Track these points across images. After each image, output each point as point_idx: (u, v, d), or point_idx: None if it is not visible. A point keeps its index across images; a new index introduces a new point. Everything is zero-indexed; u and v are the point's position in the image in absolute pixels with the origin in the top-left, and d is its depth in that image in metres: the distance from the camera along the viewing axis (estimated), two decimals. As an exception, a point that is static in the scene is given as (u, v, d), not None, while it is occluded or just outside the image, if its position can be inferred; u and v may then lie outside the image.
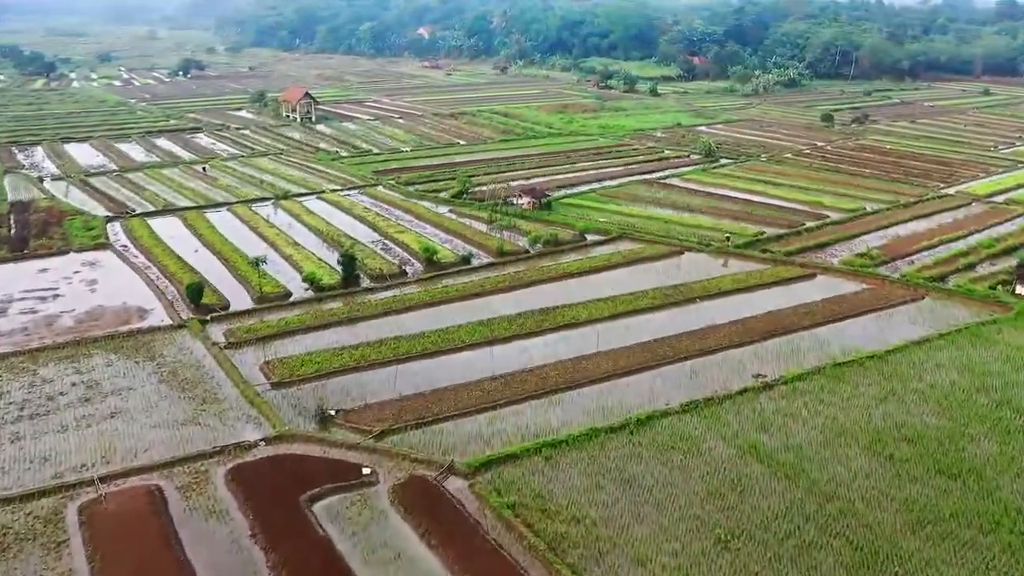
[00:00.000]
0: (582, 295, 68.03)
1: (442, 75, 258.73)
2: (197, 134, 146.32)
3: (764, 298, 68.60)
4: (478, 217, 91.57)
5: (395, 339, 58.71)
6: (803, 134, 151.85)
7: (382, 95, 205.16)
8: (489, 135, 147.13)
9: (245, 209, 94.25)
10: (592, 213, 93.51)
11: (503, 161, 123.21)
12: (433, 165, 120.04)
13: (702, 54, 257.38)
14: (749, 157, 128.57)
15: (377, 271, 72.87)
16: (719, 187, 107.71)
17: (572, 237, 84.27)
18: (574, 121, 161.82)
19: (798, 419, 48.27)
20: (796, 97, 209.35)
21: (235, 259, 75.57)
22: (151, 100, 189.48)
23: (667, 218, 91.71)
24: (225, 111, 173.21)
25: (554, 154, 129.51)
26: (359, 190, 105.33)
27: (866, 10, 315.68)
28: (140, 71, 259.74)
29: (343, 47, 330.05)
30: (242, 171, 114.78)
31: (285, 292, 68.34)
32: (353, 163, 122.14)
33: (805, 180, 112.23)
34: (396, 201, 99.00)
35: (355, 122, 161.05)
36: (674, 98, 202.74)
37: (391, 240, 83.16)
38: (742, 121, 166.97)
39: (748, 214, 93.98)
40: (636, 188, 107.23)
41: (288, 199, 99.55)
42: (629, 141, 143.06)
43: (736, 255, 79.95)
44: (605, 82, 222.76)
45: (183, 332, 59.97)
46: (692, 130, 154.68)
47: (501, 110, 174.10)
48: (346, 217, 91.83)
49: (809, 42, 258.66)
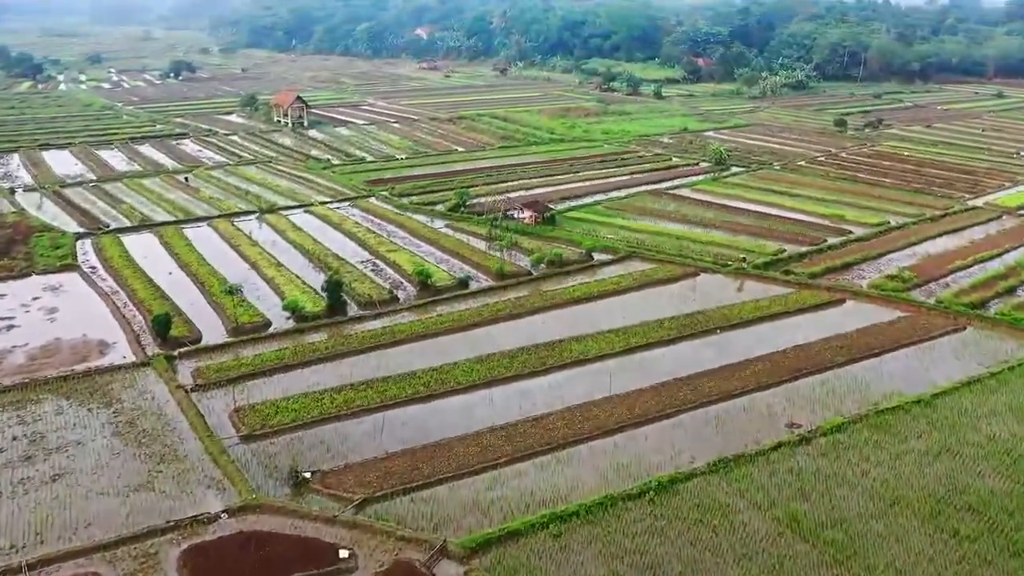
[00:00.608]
0: (590, 325, 61.85)
1: (440, 77, 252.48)
2: (183, 140, 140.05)
3: (790, 328, 62.42)
4: (476, 233, 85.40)
5: (383, 380, 52.50)
6: (816, 140, 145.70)
7: (378, 98, 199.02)
8: (488, 141, 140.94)
9: (227, 224, 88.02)
10: (598, 228, 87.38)
11: (503, 170, 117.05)
12: (429, 174, 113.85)
13: (707, 55, 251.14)
14: (761, 165, 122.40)
15: (366, 297, 66.64)
16: (732, 198, 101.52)
17: (578, 257, 78.05)
18: (576, 126, 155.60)
19: (843, 482, 42.01)
20: (805, 100, 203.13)
21: (211, 283, 69.34)
22: (138, 103, 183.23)
23: (679, 234, 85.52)
24: (214, 115, 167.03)
25: (556, 162, 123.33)
26: (350, 202, 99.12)
27: (873, 10, 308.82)
28: (131, 73, 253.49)
29: (339, 48, 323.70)
30: (227, 181, 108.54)
31: (264, 322, 62.12)
32: (345, 172, 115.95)
33: (822, 191, 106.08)
34: (389, 215, 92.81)
35: (349, 127, 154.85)
36: (679, 101, 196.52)
37: (382, 260, 76.94)
38: (751, 126, 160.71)
39: (766, 229, 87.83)
40: (644, 199, 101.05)
41: (274, 213, 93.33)
42: (634, 147, 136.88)
43: (756, 277, 73.79)
44: (608, 84, 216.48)
45: (146, 371, 53.72)
46: (700, 136, 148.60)
47: (501, 114, 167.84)
48: (335, 233, 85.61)
49: (816, 43, 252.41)
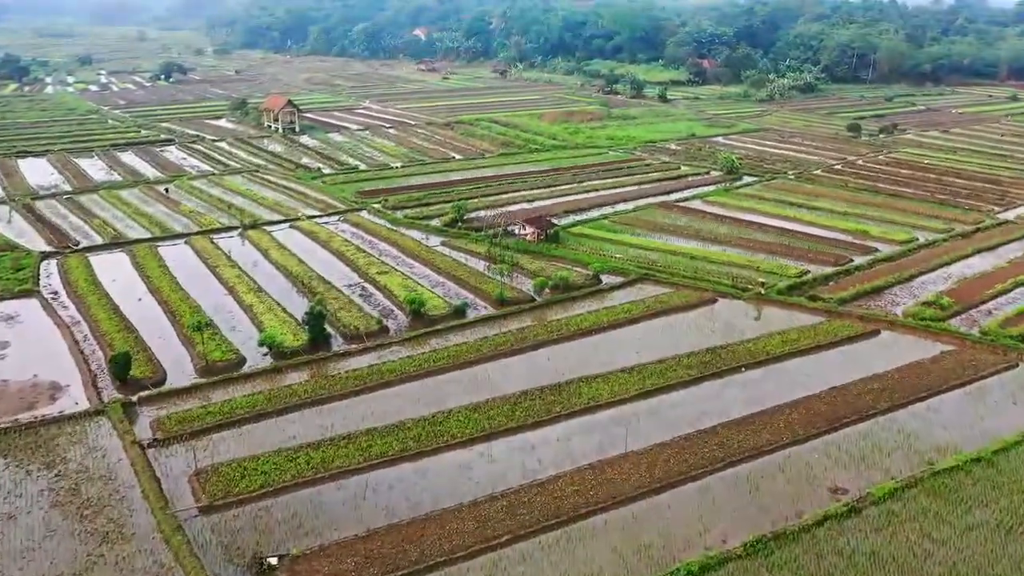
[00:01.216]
0: (601, 362, 55.61)
1: (438, 79, 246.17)
2: (168, 147, 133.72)
3: (823, 366, 56.17)
4: (475, 252, 79.14)
5: (367, 433, 46.23)
6: (830, 146, 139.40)
7: (374, 101, 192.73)
8: (487, 148, 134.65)
9: (206, 242, 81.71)
10: (606, 246, 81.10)
11: (503, 180, 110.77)
12: (425, 184, 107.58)
13: (711, 57, 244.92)
14: (775, 174, 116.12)
15: (352, 329, 60.35)
16: (747, 212, 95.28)
17: (584, 280, 71.72)
18: (579, 131, 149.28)
19: (905, 570, 35.77)
20: (814, 103, 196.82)
21: (183, 311, 63.12)
22: (125, 107, 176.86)
23: (692, 252, 79.24)
24: (203, 120, 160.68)
25: (559, 171, 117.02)
26: (340, 216, 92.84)
27: (880, 10, 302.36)
28: (121, 75, 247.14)
29: (336, 49, 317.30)
30: (210, 193, 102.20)
31: (237, 359, 55.84)
32: (336, 182, 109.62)
33: (843, 203, 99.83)
34: (381, 231, 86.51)
35: (342, 132, 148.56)
36: (685, 104, 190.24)
37: (372, 283, 70.66)
38: (761, 131, 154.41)
39: (785, 247, 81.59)
40: (653, 213, 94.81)
41: (257, 228, 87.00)
42: (641, 155, 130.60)
43: (780, 303, 67.53)
44: (610, 87, 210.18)
45: (100, 422, 47.42)
46: (708, 142, 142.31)
47: (500, 118, 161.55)
48: (322, 252, 79.33)
49: (823, 44, 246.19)
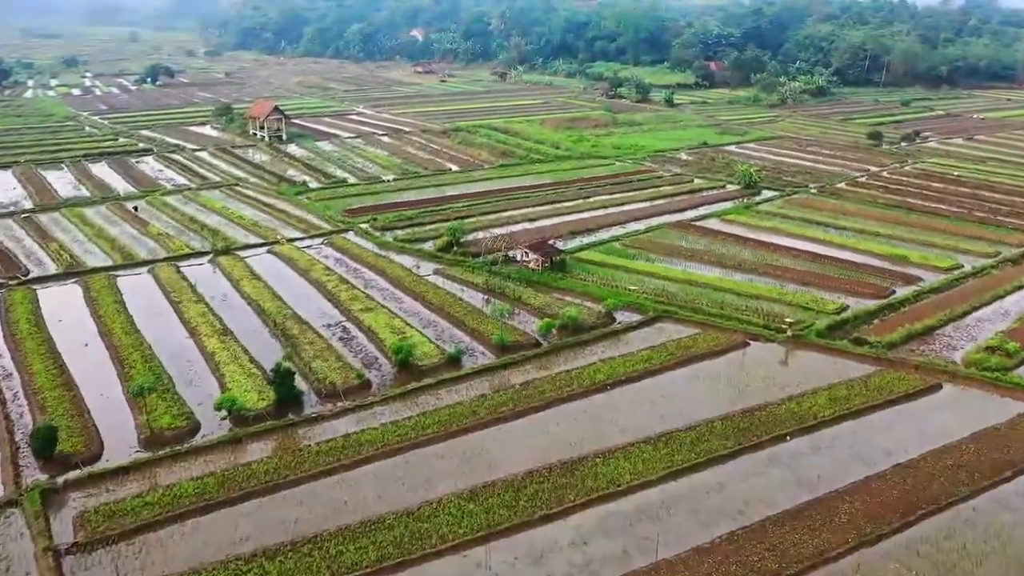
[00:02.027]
0: (620, 429, 47.11)
1: (435, 81, 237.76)
2: (145, 157, 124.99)
3: (881, 432, 47.63)
4: (471, 284, 70.61)
5: (337, 534, 37.65)
6: (851, 156, 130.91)
7: (368, 106, 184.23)
8: (486, 158, 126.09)
9: (171, 272, 73.07)
10: (618, 275, 72.57)
11: (502, 195, 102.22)
12: (418, 201, 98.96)
13: (718, 59, 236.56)
14: (796, 188, 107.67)
15: (328, 384, 51.79)
16: (771, 232, 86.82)
17: (597, 319, 63.10)
18: (583, 140, 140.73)
19: None
20: (828, 108, 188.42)
21: (133, 361, 54.62)
22: (106, 113, 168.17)
23: (715, 282, 70.77)
24: (186, 127, 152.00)
25: (563, 184, 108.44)
26: (324, 239, 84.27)
27: (890, 11, 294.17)
28: (106, 77, 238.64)
29: (330, 50, 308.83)
30: (183, 211, 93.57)
31: (190, 425, 47.26)
32: (322, 197, 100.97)
33: (873, 222, 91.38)
34: (368, 257, 77.87)
35: (333, 140, 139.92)
36: (693, 109, 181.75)
37: (355, 323, 62.13)
38: (777, 139, 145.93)
39: (818, 276, 73.09)
40: (668, 234, 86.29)
41: (230, 254, 78.43)
42: (650, 165, 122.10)
43: (822, 348, 59.01)
44: (615, 90, 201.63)
45: (12, 516, 38.85)
46: (721, 151, 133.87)
47: (500, 125, 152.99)
48: (301, 283, 70.79)
49: (834, 46, 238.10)
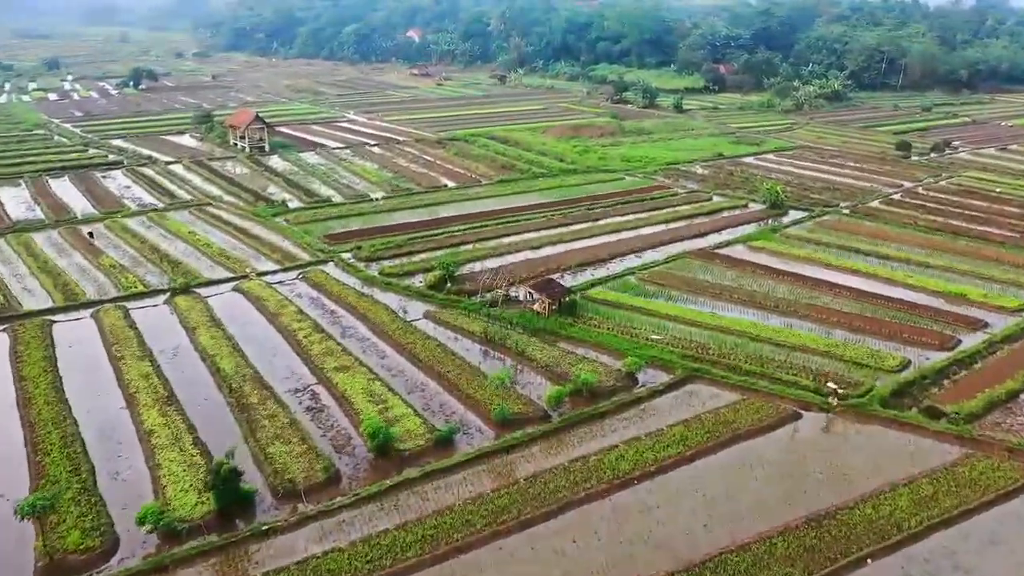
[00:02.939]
0: (654, 544, 37.06)
1: (432, 85, 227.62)
2: (113, 172, 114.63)
3: (985, 553, 37.56)
4: (467, 332, 60.56)
5: None
6: (879, 168, 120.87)
7: (360, 111, 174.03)
8: (484, 172, 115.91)
9: (117, 316, 62.88)
10: (637, 320, 62.57)
11: (502, 216, 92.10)
12: (409, 224, 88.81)
13: (727, 61, 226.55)
14: (826, 208, 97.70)
15: (285, 481, 41.63)
16: (806, 263, 76.86)
17: (615, 380, 52.93)
18: (589, 151, 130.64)
19: None
20: (845, 114, 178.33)
21: (51, 443, 44.55)
22: (80, 120, 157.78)
23: (750, 329, 60.73)
24: (163, 136, 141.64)
25: (569, 204, 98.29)
26: (300, 272, 74.08)
27: (902, 11, 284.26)
28: (87, 80, 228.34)
29: (325, 52, 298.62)
30: (144, 237, 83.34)
31: (106, 543, 37.21)
32: (302, 220, 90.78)
33: (920, 249, 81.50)
34: (348, 296, 67.67)
35: (319, 151, 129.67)
36: (703, 116, 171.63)
37: (327, 386, 52.04)
38: (796, 149, 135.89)
39: (869, 320, 63.10)
40: (690, 265, 76.25)
41: (190, 292, 68.27)
42: (663, 181, 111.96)
43: (890, 422, 48.87)
44: (620, 95, 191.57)
45: None
46: (738, 163, 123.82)
47: (499, 134, 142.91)
48: (267, 331, 60.69)
49: (847, 47, 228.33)
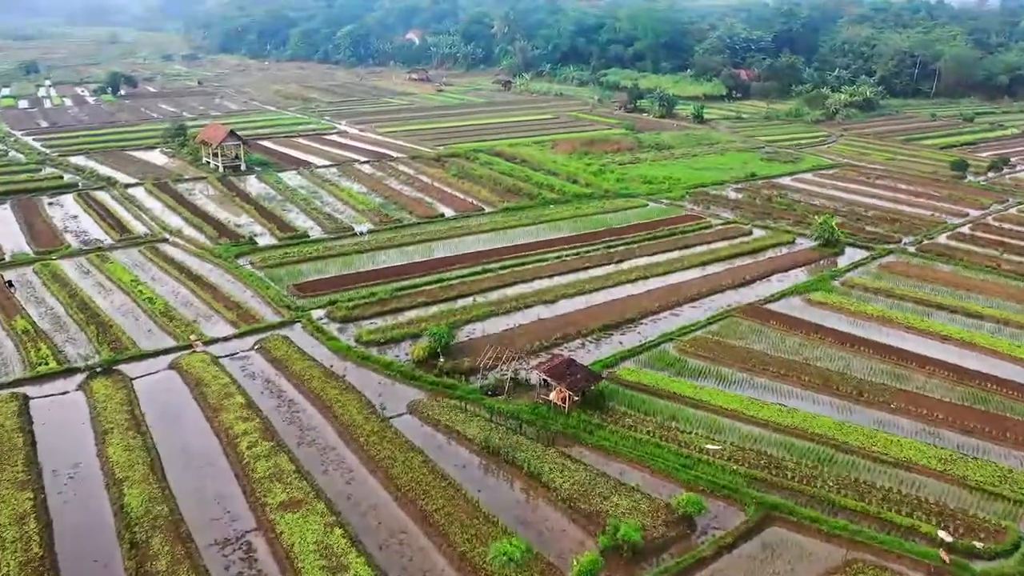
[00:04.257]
0: None
1: (432, 91, 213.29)
2: (63, 196, 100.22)
3: None
4: (462, 436, 46.27)
5: None
6: (936, 192, 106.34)
7: (352, 121, 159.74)
8: (487, 197, 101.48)
9: (9, 411, 48.38)
10: (683, 416, 48.37)
11: (508, 257, 77.71)
12: (397, 269, 74.41)
13: (748, 66, 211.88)
14: (887, 245, 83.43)
15: None
16: (881, 324, 62.74)
17: (665, 527, 38.48)
18: (605, 170, 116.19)
19: None
20: (880, 124, 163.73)
21: None
22: (43, 132, 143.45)
23: (832, 432, 46.65)
24: (130, 152, 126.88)
25: (586, 240, 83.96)
26: (257, 339, 59.76)
27: (928, 12, 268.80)
28: (65, 86, 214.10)
29: (319, 54, 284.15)
30: (77, 287, 68.99)
31: None
32: (272, 260, 76.38)
33: (1013, 303, 67.25)
34: (313, 380, 53.18)
35: (302, 170, 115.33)
36: (727, 127, 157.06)
37: (268, 537, 37.74)
38: (836, 168, 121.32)
39: (984, 416, 48.82)
40: (739, 328, 61.99)
41: (114, 373, 54.02)
42: (692, 209, 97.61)
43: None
44: (634, 103, 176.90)
45: None
46: (775, 185, 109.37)
47: (504, 149, 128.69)
48: (202, 439, 46.38)
49: (876, 51, 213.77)
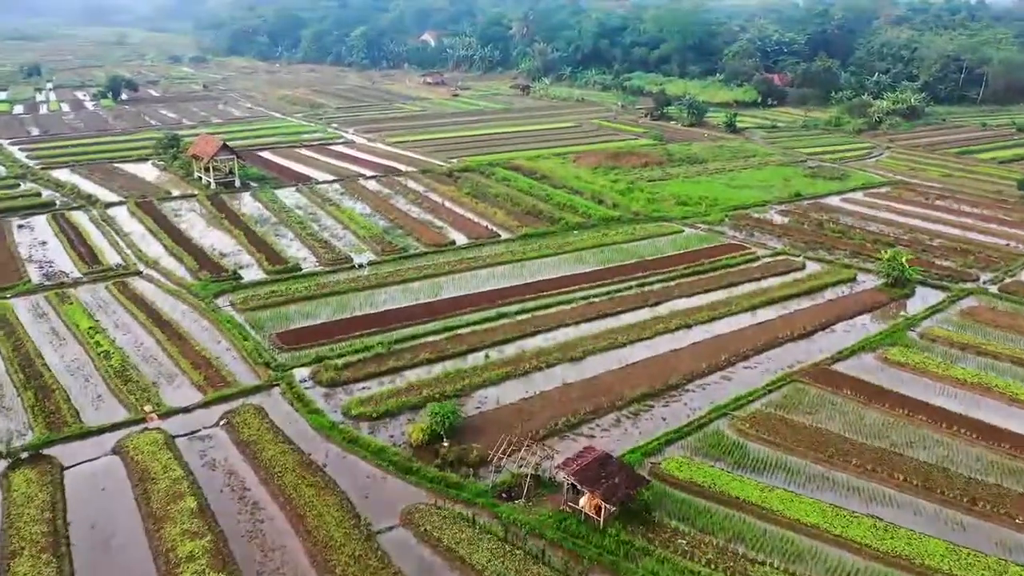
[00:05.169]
0: None
1: (446, 95, 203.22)
2: (38, 216, 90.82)
3: None
4: (469, 566, 35.82)
5: None
6: (1006, 216, 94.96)
7: (361, 130, 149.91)
8: (504, 221, 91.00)
9: (-100, 522, 38.95)
10: (751, 533, 37.96)
11: (527, 298, 67.25)
12: (397, 313, 64.14)
13: (780, 70, 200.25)
14: (965, 286, 72.24)
15: None
16: (976, 393, 52.01)
17: None
18: (633, 188, 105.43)
19: None
20: (927, 134, 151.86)
21: None
22: (32, 140, 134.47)
23: (939, 566, 35.86)
24: (120, 164, 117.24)
25: (616, 274, 73.28)
26: (226, 410, 49.66)
27: (968, 12, 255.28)
28: (65, 90, 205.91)
29: (331, 56, 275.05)
30: (24, 335, 58.88)
31: None
32: (255, 301, 66.37)
33: None
34: (287, 473, 42.92)
35: (302, 187, 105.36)
36: (762, 137, 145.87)
37: None
38: (888, 185, 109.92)
39: None
40: (806, 398, 51.40)
41: (43, 459, 44.00)
42: (733, 234, 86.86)
43: None
44: (661, 110, 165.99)
45: None
46: (823, 206, 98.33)
47: (523, 162, 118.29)
48: (133, 568, 36.29)
49: (917, 54, 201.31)
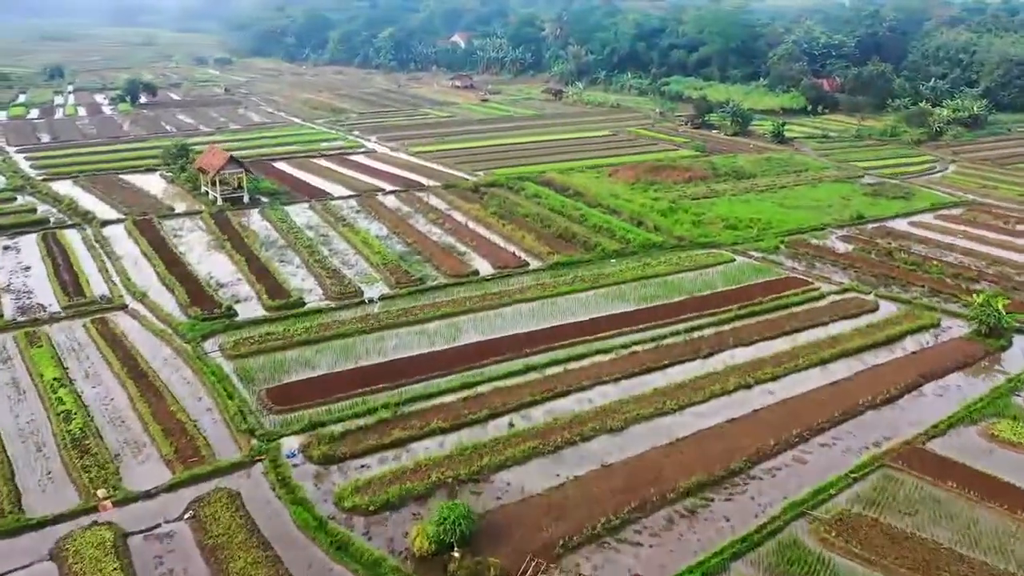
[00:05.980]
0: None
1: (475, 100, 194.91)
2: (28, 235, 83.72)
3: None
4: None
5: None
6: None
7: (384, 138, 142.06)
8: (532, 246, 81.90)
9: None
10: None
11: (558, 343, 58.20)
12: (408, 363, 55.40)
13: (829, 75, 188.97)
14: (1071, 333, 61.93)
15: None
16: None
17: None
18: (677, 207, 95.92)
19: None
20: (992, 146, 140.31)
21: None
22: (40, 147, 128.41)
23: None
24: (126, 176, 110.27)
25: (660, 315, 63.91)
26: (194, 496, 41.22)
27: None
28: (86, 92, 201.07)
29: (359, 58, 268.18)
30: (-22, 389, 51.64)
31: None
32: (248, 347, 57.95)
33: None
34: (255, 593, 34.64)
35: (314, 203, 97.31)
36: (813, 148, 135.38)
37: None
38: (964, 208, 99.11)
39: None
40: (901, 493, 41.92)
41: (-37, 567, 36.08)
42: (791, 265, 77.01)
43: None
44: (702, 118, 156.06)
45: None
46: (889, 231, 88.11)
47: (554, 176, 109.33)
48: None
49: (976, 58, 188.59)
